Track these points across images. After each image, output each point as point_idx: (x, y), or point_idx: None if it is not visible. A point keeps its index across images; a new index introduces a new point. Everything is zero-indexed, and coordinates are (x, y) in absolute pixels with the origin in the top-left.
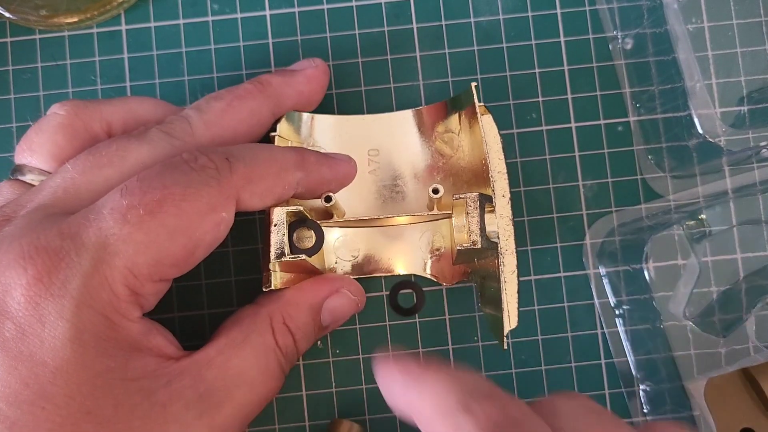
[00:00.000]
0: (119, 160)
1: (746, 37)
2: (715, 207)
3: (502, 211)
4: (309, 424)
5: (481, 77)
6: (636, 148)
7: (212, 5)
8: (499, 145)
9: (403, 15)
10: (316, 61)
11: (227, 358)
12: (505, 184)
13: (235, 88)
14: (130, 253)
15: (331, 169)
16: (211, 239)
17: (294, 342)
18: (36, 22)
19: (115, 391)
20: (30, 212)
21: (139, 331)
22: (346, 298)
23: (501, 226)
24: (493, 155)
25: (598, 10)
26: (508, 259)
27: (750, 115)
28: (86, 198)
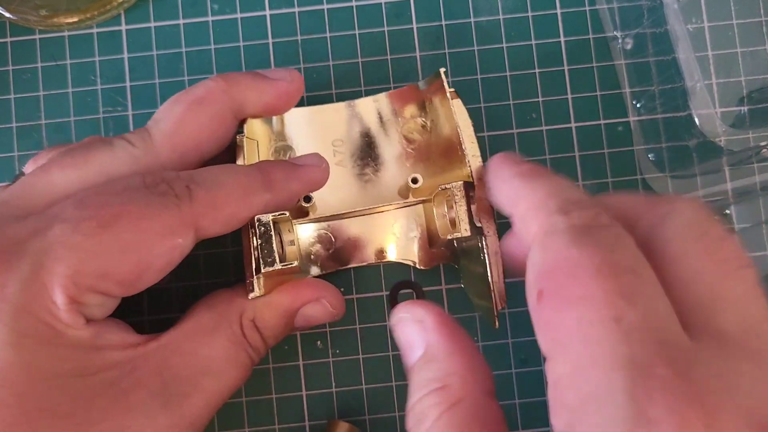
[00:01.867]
0: (83, 163)
1: (746, 37)
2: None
3: (481, 194)
4: (309, 424)
5: (481, 77)
6: (636, 148)
7: (212, 5)
8: (471, 129)
9: (403, 15)
10: (293, 75)
11: (195, 344)
12: (480, 167)
13: (195, 87)
14: (73, 261)
15: (300, 181)
16: (163, 264)
17: (262, 339)
18: (36, 22)
19: (72, 388)
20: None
21: (89, 335)
22: (324, 308)
23: (481, 213)
24: (467, 140)
25: (598, 10)
26: (491, 240)
27: (750, 115)
28: (44, 199)
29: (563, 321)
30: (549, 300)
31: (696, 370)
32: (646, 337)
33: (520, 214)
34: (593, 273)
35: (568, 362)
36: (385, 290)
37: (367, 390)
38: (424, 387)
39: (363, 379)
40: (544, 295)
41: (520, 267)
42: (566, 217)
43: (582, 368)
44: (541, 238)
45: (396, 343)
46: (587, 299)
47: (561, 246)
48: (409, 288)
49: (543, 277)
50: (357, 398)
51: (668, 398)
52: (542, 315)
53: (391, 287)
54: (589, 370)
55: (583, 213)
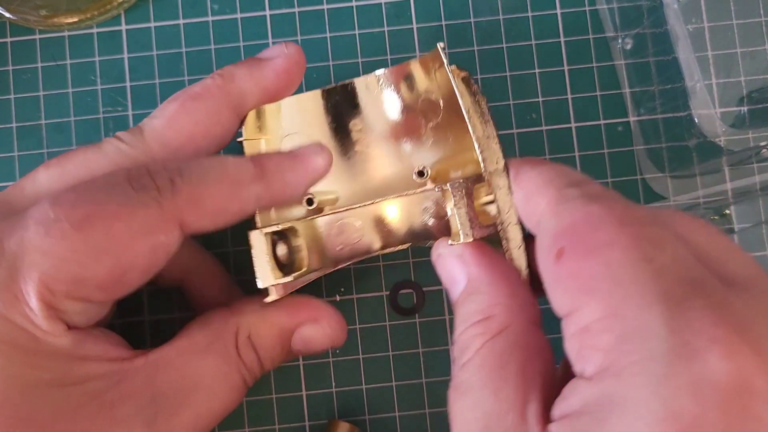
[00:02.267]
0: (66, 161)
1: (746, 38)
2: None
3: (498, 181)
4: (309, 424)
5: (481, 77)
6: (636, 148)
7: (212, 5)
8: (483, 106)
9: (403, 15)
10: (289, 48)
11: (187, 361)
12: (497, 148)
13: (193, 85)
14: (46, 266)
15: (295, 172)
16: (145, 264)
17: (258, 359)
18: (36, 23)
19: (52, 398)
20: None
21: (70, 343)
22: (322, 330)
23: (499, 199)
24: (476, 120)
25: (598, 10)
26: (512, 233)
27: (750, 115)
28: (29, 198)
29: (590, 268)
30: (572, 252)
31: (731, 303)
32: (679, 275)
33: (527, 191)
34: (617, 222)
35: (598, 307)
36: (385, 290)
37: (367, 390)
38: (467, 319)
39: (363, 379)
40: (565, 250)
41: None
42: (578, 188)
43: (616, 309)
44: (554, 206)
45: (439, 280)
46: (614, 244)
47: (578, 206)
48: (409, 288)
49: (562, 235)
50: (357, 398)
51: (710, 328)
52: (564, 269)
53: (391, 287)
54: (624, 310)
55: (594, 186)
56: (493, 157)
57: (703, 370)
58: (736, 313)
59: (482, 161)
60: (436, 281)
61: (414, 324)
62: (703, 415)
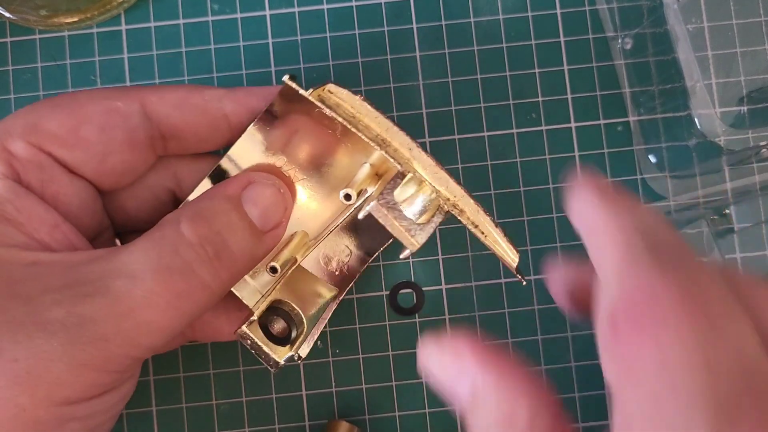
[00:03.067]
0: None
1: (746, 37)
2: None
3: (423, 164)
4: (309, 423)
5: (481, 77)
6: (636, 148)
7: (212, 5)
8: (367, 106)
9: (403, 15)
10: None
11: (113, 252)
12: (402, 137)
13: None
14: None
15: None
16: (99, 120)
17: (217, 232)
18: (36, 22)
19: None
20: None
21: (2, 188)
22: (265, 185)
23: (435, 182)
24: (371, 121)
25: (598, 9)
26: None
27: (750, 115)
28: None
29: (641, 353)
30: (626, 330)
31: None
32: (733, 371)
33: (598, 241)
34: (678, 300)
35: (643, 398)
36: (385, 290)
37: (367, 390)
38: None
39: (363, 379)
40: (619, 325)
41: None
42: (646, 242)
43: (660, 404)
44: (618, 264)
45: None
46: (670, 329)
47: (641, 272)
48: (409, 288)
49: (619, 306)
50: (357, 398)
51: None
52: (617, 346)
53: (391, 287)
54: (668, 407)
55: (665, 237)
56: (403, 146)
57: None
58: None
59: (391, 157)
60: (436, 281)
61: (414, 324)
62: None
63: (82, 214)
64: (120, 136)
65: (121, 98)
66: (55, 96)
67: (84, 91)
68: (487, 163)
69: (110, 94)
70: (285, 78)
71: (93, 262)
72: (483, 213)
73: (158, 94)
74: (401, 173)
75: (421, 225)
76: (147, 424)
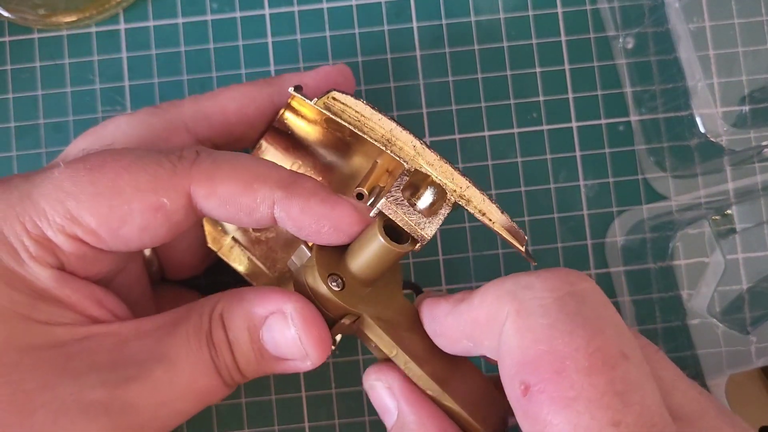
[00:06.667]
0: (101, 128)
1: (748, 37)
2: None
3: (428, 159)
4: (309, 425)
5: (481, 76)
6: (637, 147)
7: (211, 4)
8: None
9: (403, 14)
10: (339, 66)
11: (157, 333)
12: (406, 135)
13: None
14: (49, 197)
15: (324, 204)
16: (141, 221)
17: (228, 343)
18: (34, 22)
19: (16, 325)
20: None
21: (50, 278)
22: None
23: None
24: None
25: (599, 9)
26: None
27: (751, 114)
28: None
29: (553, 423)
30: (537, 397)
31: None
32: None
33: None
34: (584, 369)
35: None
36: None
37: None
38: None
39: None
40: (530, 390)
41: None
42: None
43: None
44: (515, 319)
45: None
46: (580, 401)
47: (541, 331)
48: (409, 288)
49: (526, 370)
50: (357, 399)
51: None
52: (529, 411)
53: None
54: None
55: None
56: (408, 144)
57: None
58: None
59: (397, 156)
60: (436, 281)
61: None
62: None
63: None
64: (162, 233)
65: (169, 191)
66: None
67: (129, 166)
68: (487, 162)
69: (158, 180)
70: (290, 89)
71: (141, 338)
72: (489, 201)
73: (208, 185)
74: (407, 170)
75: (429, 219)
76: None
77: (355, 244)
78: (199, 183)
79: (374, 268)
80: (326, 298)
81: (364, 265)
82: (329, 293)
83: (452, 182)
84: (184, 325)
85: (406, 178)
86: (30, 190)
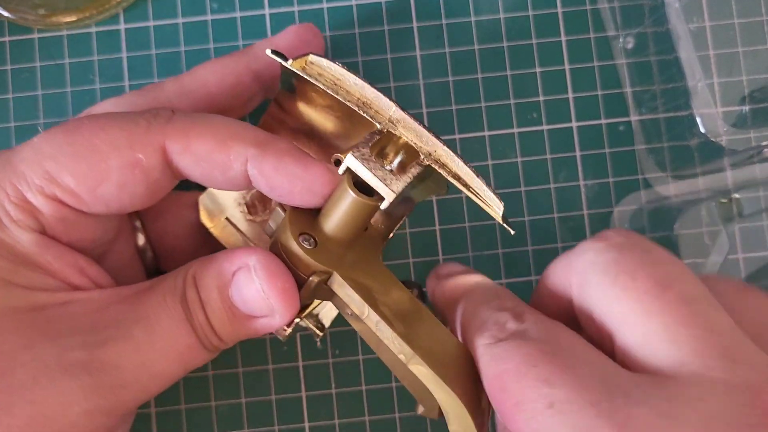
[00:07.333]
0: (90, 111)
1: (748, 37)
2: None
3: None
4: (309, 425)
5: (481, 76)
6: (637, 147)
7: (212, 4)
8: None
9: (404, 13)
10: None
11: (135, 297)
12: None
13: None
14: (28, 160)
15: (298, 163)
16: (119, 178)
17: (201, 302)
18: (34, 22)
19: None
20: None
21: (31, 242)
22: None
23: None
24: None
25: (599, 9)
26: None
27: (752, 114)
28: None
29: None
30: (497, 409)
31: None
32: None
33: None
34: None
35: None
36: None
37: (367, 391)
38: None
39: (363, 380)
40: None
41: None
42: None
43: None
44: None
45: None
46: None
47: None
48: (410, 288)
49: (493, 385)
50: (357, 399)
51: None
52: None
53: None
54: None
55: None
56: (383, 106)
57: None
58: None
59: (372, 118)
60: None
61: None
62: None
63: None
64: (140, 191)
65: (144, 147)
66: (75, 127)
67: (105, 125)
68: (487, 162)
69: (133, 136)
70: (268, 51)
71: (121, 302)
72: (463, 164)
73: (183, 142)
74: (380, 130)
75: (397, 176)
76: (146, 425)
77: (327, 204)
78: (173, 139)
79: (346, 224)
80: (297, 257)
81: (335, 222)
82: (300, 251)
83: (426, 144)
84: (161, 287)
85: (377, 137)
86: (10, 156)
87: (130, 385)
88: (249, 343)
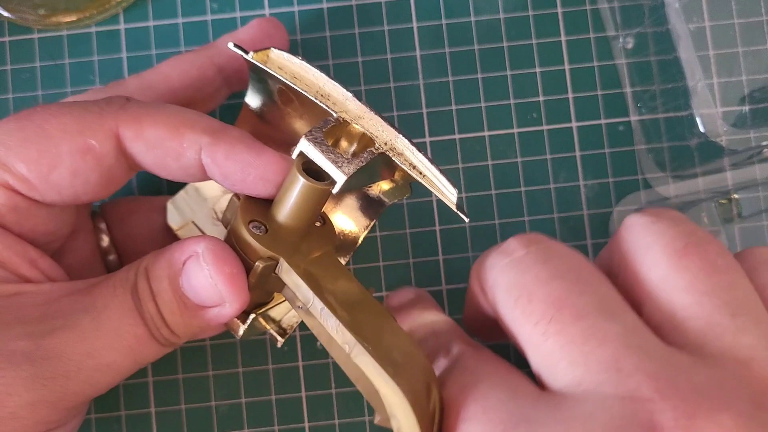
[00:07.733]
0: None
1: (748, 37)
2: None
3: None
4: (308, 425)
5: (481, 76)
6: (637, 147)
7: (211, 4)
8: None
9: (403, 14)
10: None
11: (85, 290)
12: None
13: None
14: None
15: (250, 151)
16: (71, 164)
17: (152, 293)
18: (34, 22)
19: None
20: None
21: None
22: (200, 267)
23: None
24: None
25: (599, 9)
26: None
27: (752, 114)
28: None
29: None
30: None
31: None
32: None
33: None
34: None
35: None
36: (385, 290)
37: None
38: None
39: None
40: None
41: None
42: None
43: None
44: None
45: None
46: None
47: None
48: None
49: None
50: (357, 400)
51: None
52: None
53: (390, 288)
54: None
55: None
56: (340, 97)
57: None
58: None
59: (331, 109)
60: (437, 281)
61: None
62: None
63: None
64: (93, 178)
65: (96, 132)
66: (27, 115)
67: (57, 112)
68: (487, 162)
69: (85, 122)
70: (230, 44)
71: (72, 294)
72: (418, 152)
73: (135, 128)
74: (336, 119)
75: (348, 159)
76: (146, 425)
77: (280, 191)
78: (126, 125)
79: (297, 211)
80: (247, 243)
81: (287, 210)
82: (249, 237)
83: (382, 132)
84: (113, 279)
85: (331, 121)
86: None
87: (74, 375)
88: (249, 343)
